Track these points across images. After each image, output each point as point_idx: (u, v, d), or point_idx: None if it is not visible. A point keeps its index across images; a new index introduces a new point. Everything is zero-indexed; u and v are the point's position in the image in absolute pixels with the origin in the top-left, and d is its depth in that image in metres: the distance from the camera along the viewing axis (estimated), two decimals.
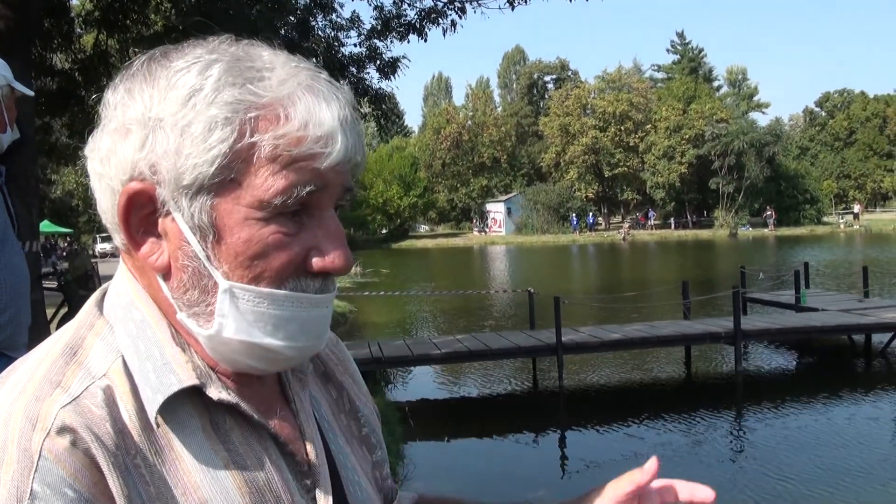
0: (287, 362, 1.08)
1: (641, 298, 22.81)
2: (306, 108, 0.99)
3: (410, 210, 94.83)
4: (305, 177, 0.98)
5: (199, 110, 0.97)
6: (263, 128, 0.97)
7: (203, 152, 0.96)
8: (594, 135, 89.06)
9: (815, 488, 10.02)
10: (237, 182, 0.98)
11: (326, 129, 0.99)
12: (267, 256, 1.00)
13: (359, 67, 16.70)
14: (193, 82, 0.98)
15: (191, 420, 1.02)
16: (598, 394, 15.78)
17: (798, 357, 18.34)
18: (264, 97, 0.98)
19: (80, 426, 0.92)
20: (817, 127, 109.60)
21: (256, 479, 1.03)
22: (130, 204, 1.01)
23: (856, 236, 69.73)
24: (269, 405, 1.12)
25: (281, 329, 1.02)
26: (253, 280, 1.00)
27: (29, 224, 6.48)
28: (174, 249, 1.01)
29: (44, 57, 13.14)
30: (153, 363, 1.01)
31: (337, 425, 1.26)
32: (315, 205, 1.02)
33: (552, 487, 10.69)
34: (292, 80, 1.01)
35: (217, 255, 1.00)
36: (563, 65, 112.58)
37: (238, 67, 1.00)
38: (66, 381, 0.97)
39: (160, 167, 0.98)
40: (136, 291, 1.07)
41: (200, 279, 1.01)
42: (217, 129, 0.96)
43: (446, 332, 22.07)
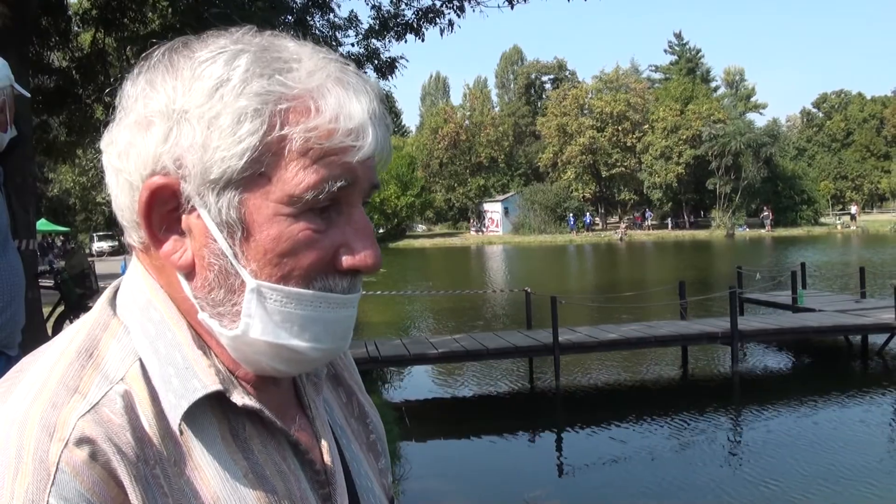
0: (311, 364, 1.05)
1: (638, 298, 22.83)
2: (337, 101, 0.97)
3: (408, 209, 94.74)
4: (336, 171, 0.96)
5: (227, 102, 0.94)
6: (294, 120, 0.95)
7: (232, 145, 0.94)
8: (591, 135, 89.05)
9: (812, 488, 10.03)
10: (267, 176, 0.95)
11: (357, 122, 0.97)
12: (297, 254, 0.97)
13: (357, 67, 16.68)
14: (220, 73, 0.95)
15: (210, 428, 0.98)
16: (595, 394, 15.79)
17: (795, 357, 18.35)
18: (294, 88, 0.96)
19: (100, 437, 0.89)
20: (814, 128, 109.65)
21: (276, 490, 1.00)
22: (153, 199, 0.97)
23: (853, 237, 69.80)
24: (286, 411, 1.09)
25: (307, 330, 0.99)
26: (282, 279, 0.97)
27: (26, 222, 6.48)
28: (199, 247, 0.98)
29: (41, 55, 13.13)
30: (175, 367, 0.98)
31: (349, 430, 1.24)
32: (344, 201, 0.99)
33: (548, 487, 10.70)
34: (321, 71, 0.99)
35: (245, 253, 0.97)
36: (560, 65, 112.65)
37: (265, 58, 0.97)
38: (83, 386, 0.93)
39: (186, 161, 0.95)
40: (153, 290, 1.03)
41: (227, 278, 0.98)
42: (247, 121, 0.94)
43: (443, 331, 22.09)
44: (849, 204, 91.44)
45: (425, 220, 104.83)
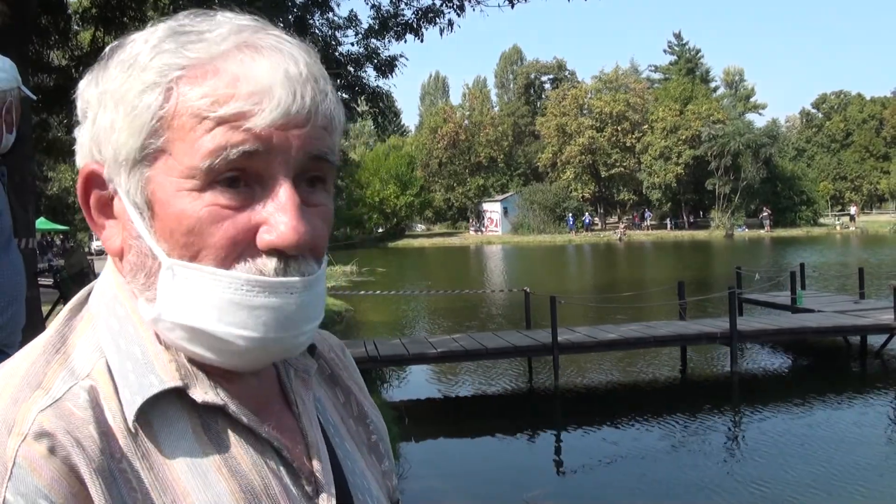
0: (249, 356, 0.95)
1: (637, 299, 22.83)
2: (239, 64, 0.91)
3: (407, 209, 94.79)
4: (237, 137, 0.88)
5: (133, 79, 0.92)
6: (190, 88, 0.90)
7: (132, 122, 0.91)
8: (591, 135, 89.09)
9: (811, 489, 10.03)
10: (167, 151, 0.91)
11: (261, 84, 0.89)
12: (202, 232, 0.90)
13: (356, 66, 16.70)
14: (135, 51, 0.93)
15: (179, 421, 0.94)
16: (594, 394, 15.79)
17: (793, 358, 18.35)
18: (195, 57, 0.91)
19: (60, 430, 0.86)
20: (814, 128, 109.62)
21: (252, 485, 0.95)
22: (87, 186, 0.97)
23: (852, 238, 69.81)
24: (265, 406, 1.03)
25: (229, 314, 0.92)
26: (192, 258, 0.92)
27: (25, 221, 6.48)
28: (124, 230, 0.97)
29: (41, 53, 13.14)
30: (133, 362, 0.94)
31: (345, 429, 1.19)
32: (264, 172, 0.92)
33: (547, 487, 10.70)
34: (232, 37, 0.93)
35: (156, 233, 0.93)
36: (560, 65, 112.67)
37: (179, 32, 0.93)
38: (47, 381, 0.91)
39: (102, 144, 0.95)
40: (119, 286, 1.00)
41: (145, 259, 0.94)
42: (145, 96, 0.90)
43: (442, 331, 22.09)
44: (848, 205, 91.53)
45: (424, 219, 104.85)
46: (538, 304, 18.40)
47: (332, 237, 12.32)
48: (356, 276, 41.29)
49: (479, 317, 26.15)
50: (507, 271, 47.41)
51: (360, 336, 20.80)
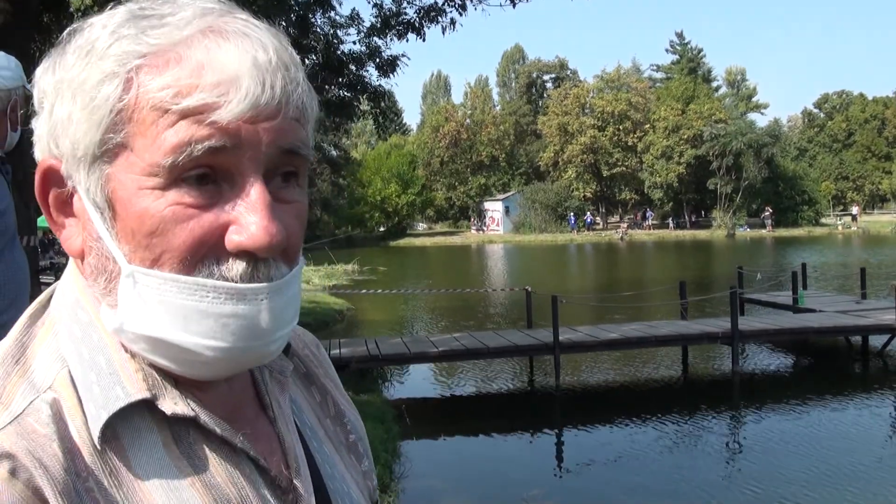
0: (216, 366, 0.90)
1: (639, 298, 22.83)
2: (204, 52, 0.84)
3: (408, 208, 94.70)
4: (202, 132, 0.82)
5: (90, 67, 0.85)
6: (149, 78, 0.83)
7: (90, 114, 0.85)
8: (592, 134, 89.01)
9: (812, 489, 10.03)
10: (128, 146, 0.85)
11: (227, 74, 0.83)
12: (165, 234, 0.84)
13: (358, 65, 16.69)
14: (93, 37, 0.87)
15: (149, 434, 0.88)
16: (595, 393, 15.79)
17: (795, 358, 18.34)
18: (156, 44, 0.84)
19: (22, 451, 0.80)
20: (816, 128, 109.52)
21: (228, 497, 0.90)
22: (44, 182, 0.91)
23: (853, 238, 69.78)
24: (239, 413, 0.98)
25: (193, 323, 0.86)
26: (153, 263, 0.85)
27: (27, 219, 6.47)
28: (84, 230, 0.91)
29: (43, 52, 13.13)
30: (97, 373, 0.88)
31: (322, 431, 1.14)
32: (233, 169, 0.85)
33: (547, 486, 10.70)
34: (196, 21, 0.86)
35: (118, 234, 0.87)
36: (562, 64, 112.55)
37: (139, 16, 0.87)
38: (6, 396, 0.85)
39: (60, 138, 0.88)
40: (81, 289, 0.94)
41: (106, 263, 0.89)
42: (103, 86, 0.84)
43: (443, 330, 22.10)
44: (850, 205, 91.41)
45: (426, 218, 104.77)
46: (539, 304, 18.41)
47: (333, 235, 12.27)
48: (357, 274, 41.31)
49: (480, 316, 26.17)
50: (508, 270, 47.39)
51: (361, 335, 20.81)
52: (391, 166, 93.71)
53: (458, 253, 68.20)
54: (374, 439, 10.42)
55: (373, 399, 13.48)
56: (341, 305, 27.65)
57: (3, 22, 8.16)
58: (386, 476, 9.82)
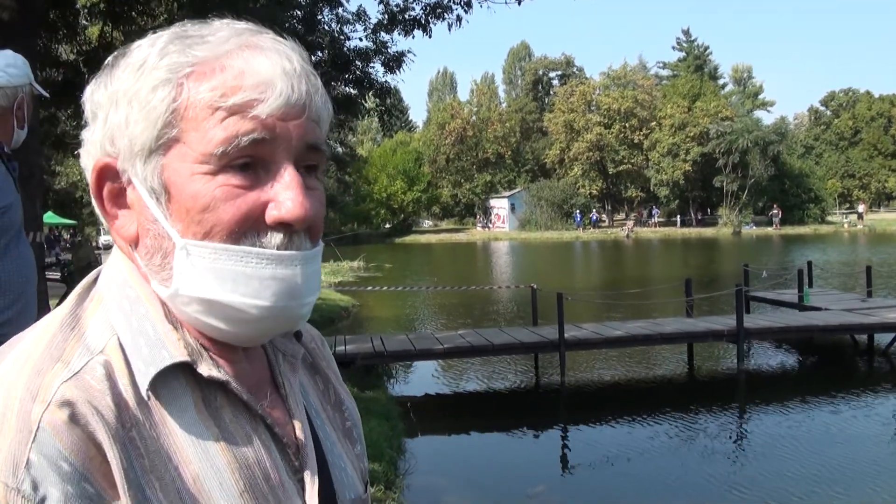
0: (260, 325, 1.05)
1: (644, 296, 22.81)
2: (243, 60, 1.01)
3: (414, 205, 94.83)
4: (246, 126, 0.99)
5: (144, 78, 1.01)
6: (199, 82, 1.00)
7: (146, 115, 1.00)
8: (599, 132, 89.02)
9: (817, 487, 10.03)
10: (181, 140, 1.00)
11: (263, 77, 1.00)
12: (216, 209, 1.00)
13: (364, 62, 16.71)
14: (143, 55, 1.03)
15: (184, 396, 1.03)
16: (600, 390, 15.79)
17: (800, 356, 18.34)
18: (202, 56, 1.01)
19: (81, 400, 0.94)
20: (822, 126, 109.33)
21: (246, 457, 1.04)
22: (99, 179, 1.05)
23: (860, 236, 69.63)
24: (258, 387, 1.13)
25: (241, 285, 1.01)
26: (205, 235, 1.01)
27: (33, 215, 6.50)
28: (139, 217, 1.05)
29: (49, 48, 13.14)
30: (146, 338, 1.02)
31: (325, 414, 1.28)
32: (269, 158, 1.02)
33: (552, 483, 10.72)
34: (233, 39, 1.04)
35: (172, 215, 1.02)
36: (568, 61, 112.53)
37: (182, 35, 1.04)
38: (66, 355, 0.98)
39: (116, 138, 1.03)
40: (130, 270, 1.08)
41: (161, 241, 1.03)
42: (157, 91, 1.00)
43: (449, 327, 22.08)
44: (856, 202, 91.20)
45: (431, 215, 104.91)
46: (545, 301, 18.42)
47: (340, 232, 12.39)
48: (363, 271, 41.38)
49: (485, 313, 26.19)
50: (513, 268, 47.42)
51: (366, 332, 20.83)
52: (397, 163, 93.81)
53: (464, 250, 68.27)
54: (378, 436, 10.45)
55: (378, 396, 13.50)
56: (347, 302, 27.68)
57: (10, 19, 8.18)
58: (391, 472, 9.83)
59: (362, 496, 1.26)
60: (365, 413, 1.39)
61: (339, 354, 13.87)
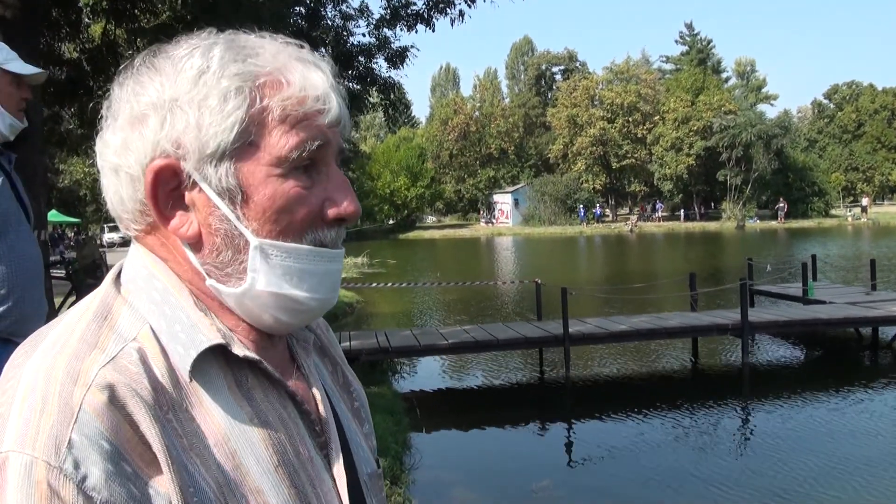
0: (310, 314, 1.17)
1: (649, 290, 22.80)
2: (301, 74, 1.10)
3: (418, 201, 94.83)
4: (313, 133, 1.09)
5: (211, 85, 1.07)
6: (271, 93, 1.08)
7: (222, 120, 1.06)
8: (602, 126, 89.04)
9: (822, 481, 10.01)
10: (255, 144, 1.08)
11: (322, 91, 1.11)
12: (291, 209, 1.09)
13: (367, 57, 16.70)
14: (200, 63, 1.08)
15: (217, 378, 1.09)
16: (605, 385, 15.79)
17: (805, 350, 18.31)
18: (266, 67, 1.09)
19: (119, 383, 0.99)
20: (825, 119, 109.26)
21: (278, 434, 1.11)
22: (157, 180, 1.08)
23: (863, 229, 69.57)
24: (283, 368, 1.20)
25: (305, 281, 1.12)
26: (280, 234, 1.10)
27: (37, 213, 6.50)
28: (204, 217, 1.10)
29: (52, 46, 13.14)
30: (181, 325, 1.09)
31: (338, 394, 1.35)
32: (322, 160, 1.13)
33: (557, 478, 10.71)
34: (283, 53, 1.13)
35: (245, 215, 1.09)
36: (571, 56, 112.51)
37: (235, 47, 1.11)
38: (102, 342, 1.04)
39: (183, 142, 1.07)
40: (154, 264, 1.14)
41: (233, 240, 1.10)
42: (231, 99, 1.06)
43: (453, 322, 22.06)
44: (860, 196, 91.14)
45: (435, 211, 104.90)
46: (549, 296, 18.38)
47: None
48: (367, 267, 41.34)
49: (490, 308, 26.17)
50: (517, 263, 47.40)
51: (371, 327, 20.83)
52: (400, 159, 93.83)
53: (468, 245, 68.27)
54: (384, 431, 10.45)
55: (383, 391, 13.50)
56: (351, 298, 27.66)
57: (12, 17, 8.18)
58: (396, 467, 9.83)
59: (377, 471, 1.35)
60: (370, 408, 1.41)
61: (344, 350, 13.58)
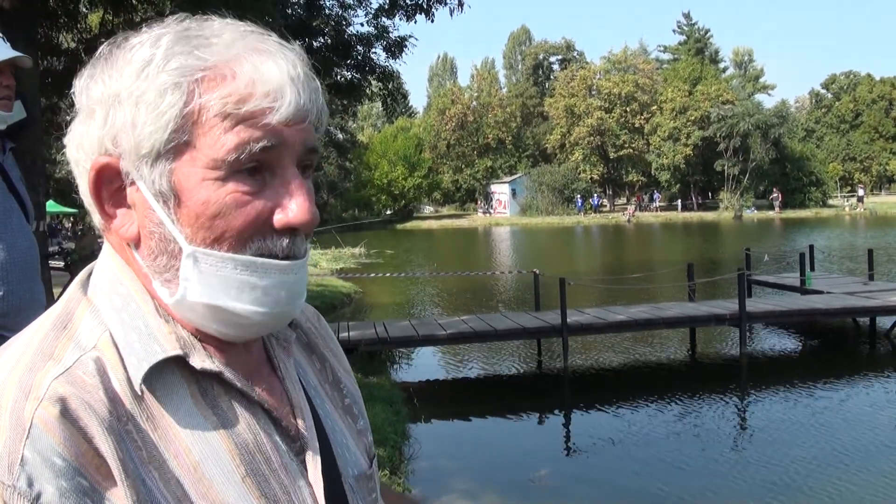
0: (258, 328, 1.09)
1: (646, 280, 22.84)
2: (252, 67, 1.01)
3: (415, 191, 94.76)
4: (257, 133, 1.00)
5: (150, 80, 1.00)
6: (210, 88, 1.00)
7: (156, 119, 1.00)
8: (599, 116, 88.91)
9: (818, 470, 10.04)
10: (191, 144, 1.01)
11: (274, 85, 1.01)
12: (226, 216, 1.01)
13: (366, 46, 16.69)
14: (146, 55, 1.02)
15: (179, 388, 1.04)
16: (603, 375, 15.80)
17: (802, 340, 18.35)
18: (210, 60, 1.01)
19: (72, 396, 0.95)
20: (823, 109, 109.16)
21: (246, 443, 1.06)
22: (99, 178, 1.05)
23: (860, 219, 69.58)
24: (255, 372, 1.13)
25: (246, 293, 1.03)
26: (215, 241, 1.02)
27: (35, 204, 6.50)
28: (142, 218, 1.05)
29: (50, 36, 13.12)
30: (138, 334, 1.03)
31: (323, 392, 1.30)
32: (276, 163, 1.03)
33: (555, 467, 10.74)
34: (239, 42, 1.04)
35: (180, 219, 1.02)
36: (568, 45, 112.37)
37: (186, 36, 1.03)
38: (58, 353, 1.00)
39: (121, 139, 1.02)
40: (120, 267, 1.09)
41: (167, 244, 1.04)
42: (167, 95, 0.99)
43: (451, 313, 22.08)
44: (857, 186, 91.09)
45: (433, 201, 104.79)
46: (547, 286, 18.40)
47: (341, 219, 12.48)
48: (364, 258, 41.35)
49: (488, 298, 26.20)
50: (515, 253, 47.39)
51: (369, 318, 20.85)
52: (398, 149, 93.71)
53: (465, 236, 68.28)
54: (382, 422, 10.47)
55: (381, 381, 13.52)
56: (349, 289, 27.69)
57: (10, 7, 8.16)
58: (395, 457, 9.86)
59: (367, 472, 1.28)
60: (368, 399, 1.40)
61: (342, 341, 13.87)
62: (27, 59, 3.63)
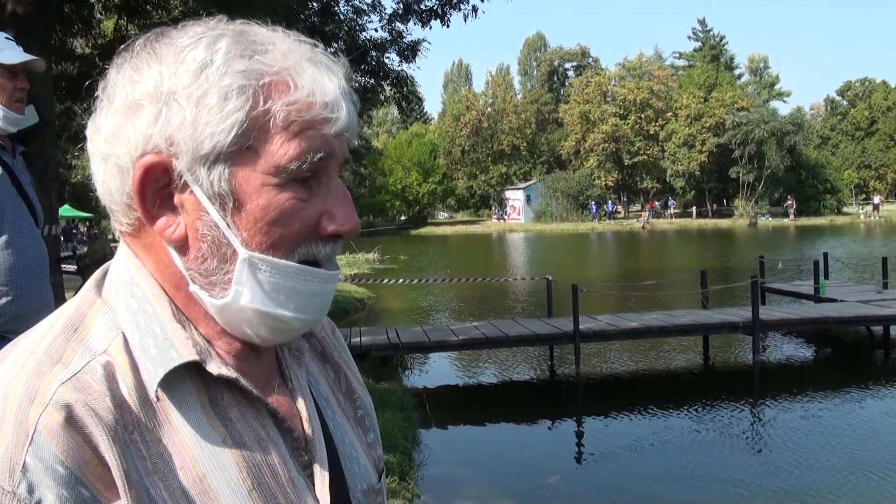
0: (292, 333, 1.10)
1: (660, 287, 22.76)
2: (311, 78, 1.02)
3: (429, 197, 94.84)
4: (316, 143, 1.02)
5: (212, 81, 1.00)
6: (276, 95, 1.00)
7: (221, 121, 0.99)
8: (614, 122, 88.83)
9: (833, 479, 9.99)
10: (253, 149, 1.01)
11: (332, 97, 1.03)
12: (284, 222, 1.02)
13: (380, 51, 16.71)
14: (203, 56, 1.01)
15: (189, 396, 1.03)
16: (615, 382, 15.77)
17: (816, 348, 18.28)
18: (273, 66, 1.02)
19: (78, 402, 0.94)
20: (838, 116, 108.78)
21: (253, 455, 1.05)
22: (146, 177, 1.02)
23: (876, 227, 69.29)
24: (266, 382, 1.13)
25: (293, 300, 1.05)
26: (270, 246, 1.03)
27: (48, 208, 6.51)
28: (192, 220, 1.03)
29: (64, 42, 13.17)
30: (154, 338, 1.02)
31: (335, 403, 1.28)
32: (324, 171, 1.05)
33: (568, 474, 10.72)
34: (294, 52, 1.05)
35: (236, 223, 1.02)
36: (583, 52, 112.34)
37: (243, 41, 1.03)
38: (66, 357, 0.99)
39: (177, 139, 1.00)
40: (137, 269, 1.07)
41: (219, 248, 1.03)
42: (233, 98, 0.99)
43: (464, 318, 22.07)
44: (872, 193, 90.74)
45: (447, 207, 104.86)
46: (560, 292, 18.39)
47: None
48: (378, 263, 41.34)
49: (500, 304, 26.17)
50: (529, 259, 47.38)
51: (381, 323, 20.85)
52: (412, 155, 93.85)
53: (479, 242, 68.25)
54: (393, 427, 10.46)
55: (393, 387, 13.51)
56: (362, 294, 27.70)
57: (24, 13, 8.19)
58: (405, 463, 9.85)
59: (375, 486, 1.26)
60: (380, 404, 1.39)
61: (355, 346, 13.89)
62: (41, 63, 3.63)
